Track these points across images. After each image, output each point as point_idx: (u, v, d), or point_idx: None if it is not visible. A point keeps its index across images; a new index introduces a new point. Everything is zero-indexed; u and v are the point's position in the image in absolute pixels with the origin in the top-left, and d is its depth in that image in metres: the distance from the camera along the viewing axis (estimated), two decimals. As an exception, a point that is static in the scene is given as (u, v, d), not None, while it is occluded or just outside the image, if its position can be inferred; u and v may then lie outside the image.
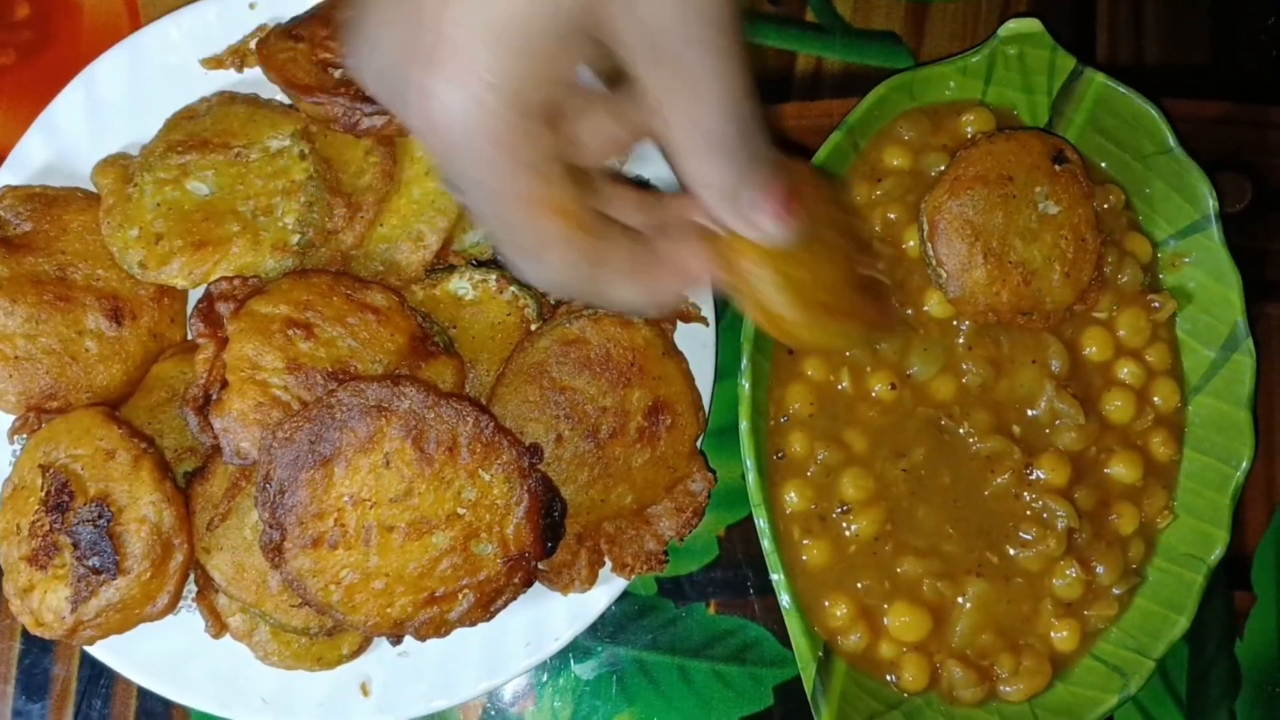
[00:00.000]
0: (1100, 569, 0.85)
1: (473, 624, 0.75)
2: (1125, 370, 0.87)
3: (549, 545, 0.76)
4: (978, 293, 0.84)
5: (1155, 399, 0.87)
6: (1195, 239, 0.87)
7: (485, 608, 0.74)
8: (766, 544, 0.82)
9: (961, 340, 0.86)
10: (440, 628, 0.74)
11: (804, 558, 0.84)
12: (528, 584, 0.76)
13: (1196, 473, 0.87)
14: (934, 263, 0.84)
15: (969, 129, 0.88)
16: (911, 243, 0.86)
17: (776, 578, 0.82)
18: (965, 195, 0.83)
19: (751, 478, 0.82)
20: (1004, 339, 0.86)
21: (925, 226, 0.85)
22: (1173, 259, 0.88)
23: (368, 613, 0.72)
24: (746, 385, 0.83)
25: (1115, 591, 0.85)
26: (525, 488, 0.74)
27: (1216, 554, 0.84)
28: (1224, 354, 0.86)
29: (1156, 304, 0.88)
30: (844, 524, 0.84)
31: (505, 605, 0.75)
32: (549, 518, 0.76)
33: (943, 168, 0.86)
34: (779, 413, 0.85)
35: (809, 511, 0.84)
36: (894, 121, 0.88)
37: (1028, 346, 0.86)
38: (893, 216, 0.87)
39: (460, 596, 0.73)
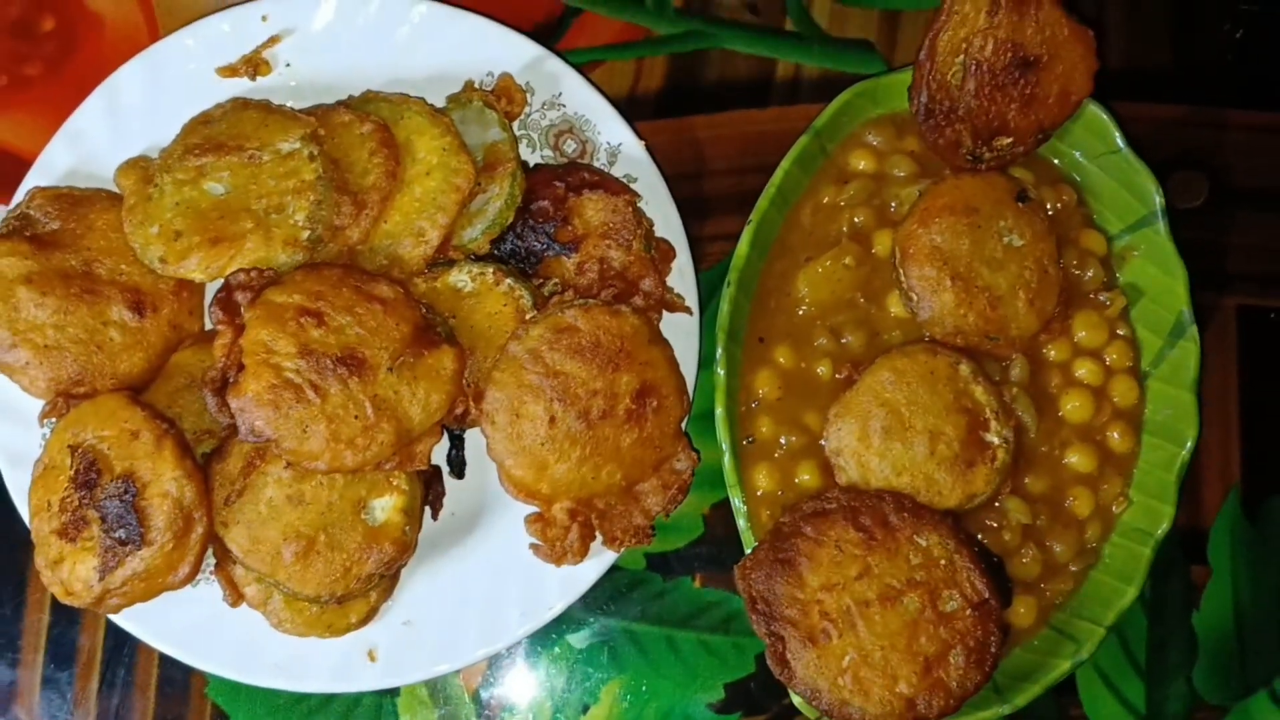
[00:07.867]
0: (1058, 548, 0.89)
1: (975, 687, 0.82)
2: (1083, 370, 0.90)
3: (1004, 592, 0.85)
4: (945, 315, 0.88)
5: (1114, 396, 0.91)
6: (1144, 233, 0.92)
7: (980, 666, 0.82)
8: (741, 522, 0.88)
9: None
10: (948, 699, 0.82)
11: None
12: (1004, 634, 0.84)
13: (1145, 453, 0.91)
14: (905, 286, 0.89)
15: None
16: (878, 247, 0.90)
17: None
18: (934, 224, 0.88)
19: (727, 460, 0.88)
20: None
21: (898, 254, 0.89)
22: (1124, 253, 0.93)
23: (881, 699, 0.81)
24: (722, 373, 0.88)
25: (1071, 569, 0.90)
26: (959, 541, 0.84)
27: (1163, 528, 0.89)
28: (1171, 340, 0.91)
29: (1107, 301, 0.91)
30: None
31: (996, 661, 0.83)
32: (989, 565, 0.85)
33: (902, 173, 0.91)
34: (749, 398, 0.90)
35: (776, 496, 0.88)
36: (862, 127, 0.93)
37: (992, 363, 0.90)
38: (858, 220, 0.91)
39: (950, 656, 0.82)
